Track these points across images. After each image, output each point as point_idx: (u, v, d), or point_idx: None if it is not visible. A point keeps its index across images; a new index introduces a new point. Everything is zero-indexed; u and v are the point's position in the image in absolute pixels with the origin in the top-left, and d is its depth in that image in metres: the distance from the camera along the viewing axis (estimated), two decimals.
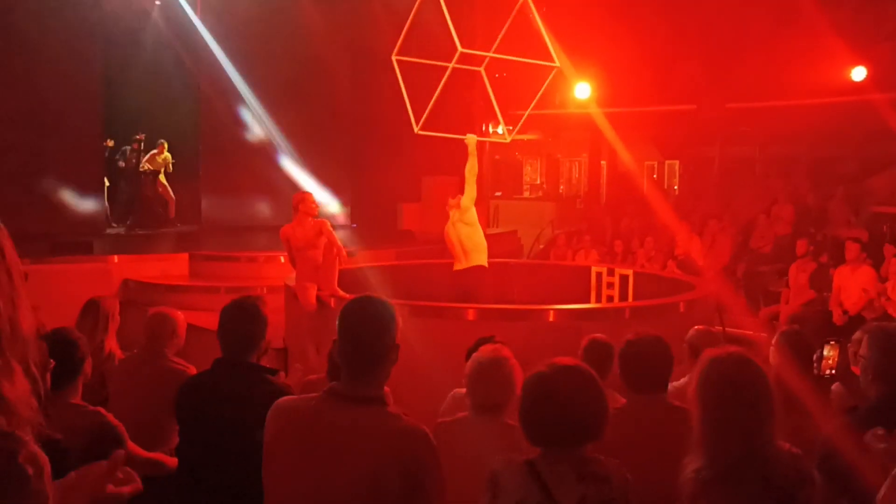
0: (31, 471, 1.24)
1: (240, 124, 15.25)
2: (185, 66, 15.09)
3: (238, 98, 15.06)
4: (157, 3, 15.46)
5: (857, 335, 3.39)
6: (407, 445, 2.25)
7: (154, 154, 15.17)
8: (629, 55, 13.87)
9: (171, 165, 15.29)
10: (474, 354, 3.43)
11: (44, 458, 1.27)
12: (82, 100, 13.24)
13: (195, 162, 15.37)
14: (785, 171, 15.25)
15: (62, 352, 3.19)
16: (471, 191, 8.11)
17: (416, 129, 8.10)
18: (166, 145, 15.16)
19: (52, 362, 2.62)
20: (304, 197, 7.48)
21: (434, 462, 2.29)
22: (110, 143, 14.74)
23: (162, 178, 15.26)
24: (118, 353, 4.93)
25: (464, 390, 3.44)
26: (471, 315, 6.68)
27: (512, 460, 2.41)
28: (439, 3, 7.42)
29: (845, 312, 8.85)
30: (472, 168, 8.11)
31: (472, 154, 8.13)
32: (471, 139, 8.21)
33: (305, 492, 2.29)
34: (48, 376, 2.60)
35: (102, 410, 3.34)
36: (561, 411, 2.31)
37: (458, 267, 8.13)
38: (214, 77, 14.88)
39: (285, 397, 2.58)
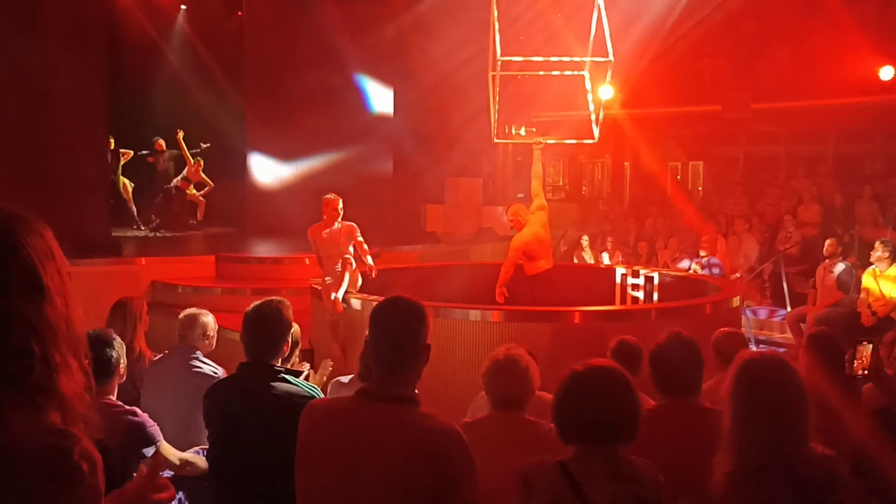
0: (85, 467, 1.27)
1: (281, 124, 15.47)
2: (223, 68, 15.29)
3: (280, 99, 15.31)
4: (183, 7, 15.65)
5: (889, 336, 3.37)
6: (439, 444, 2.27)
7: (191, 170, 15.11)
8: (653, 56, 13.81)
9: (207, 180, 15.20)
10: (490, 354, 3.46)
11: (97, 455, 1.30)
12: (90, 106, 13.31)
13: (242, 163, 15.49)
14: (811, 170, 15.12)
15: (98, 352, 3.24)
16: (534, 190, 8.54)
17: (494, 140, 8.72)
18: (202, 163, 15.09)
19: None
20: (331, 201, 7.52)
21: (467, 460, 2.30)
22: (128, 153, 14.75)
23: (191, 189, 15.24)
24: (148, 353, 4.99)
25: None
26: (496, 317, 6.69)
27: (544, 461, 2.42)
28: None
29: (874, 314, 8.75)
30: (535, 171, 8.68)
31: (536, 159, 8.66)
32: (536, 145, 8.74)
33: (339, 491, 2.32)
34: None
35: (137, 410, 3.39)
36: (595, 409, 2.33)
37: (544, 267, 8.26)
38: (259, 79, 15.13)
39: (319, 398, 2.61)
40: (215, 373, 4.28)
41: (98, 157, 13.46)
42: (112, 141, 14.25)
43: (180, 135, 14.74)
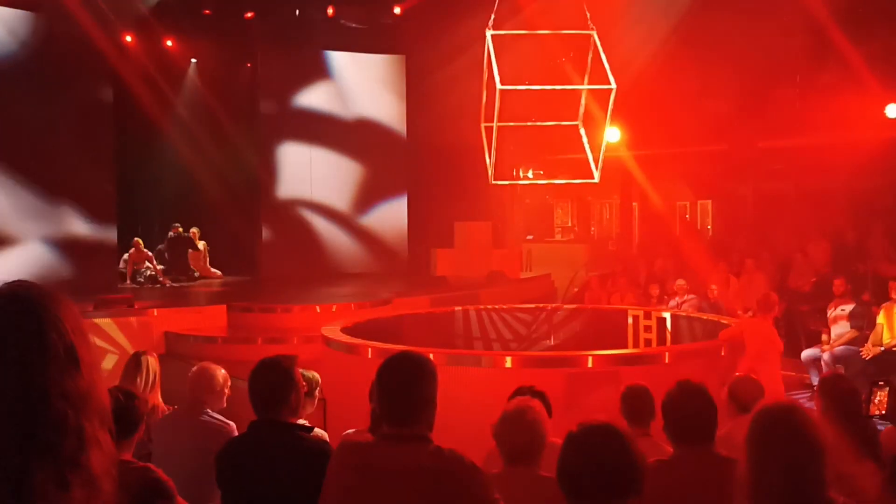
0: None
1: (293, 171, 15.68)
2: (234, 118, 15.54)
3: (292, 145, 15.53)
4: (194, 60, 15.91)
5: None
6: (452, 473, 2.46)
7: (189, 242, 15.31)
8: (659, 97, 13.92)
9: (206, 252, 15.34)
10: (503, 408, 3.46)
11: None
12: (97, 158, 13.50)
13: (256, 212, 15.63)
14: (821, 207, 15.09)
15: (119, 411, 3.22)
16: None
17: (491, 180, 8.62)
18: (198, 232, 15.25)
19: None
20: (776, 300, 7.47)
21: (482, 485, 2.49)
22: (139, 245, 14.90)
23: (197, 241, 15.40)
24: (162, 407, 4.98)
25: None
26: (508, 362, 6.66)
27: None
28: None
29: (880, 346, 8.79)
30: None
31: None
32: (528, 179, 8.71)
33: None
34: None
35: (152, 466, 3.36)
36: (595, 470, 2.31)
37: None
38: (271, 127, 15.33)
39: (348, 438, 2.72)
40: (225, 428, 4.26)
41: (105, 210, 13.63)
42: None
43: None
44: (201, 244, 15.26)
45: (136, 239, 14.53)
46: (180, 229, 15.10)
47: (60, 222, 12.97)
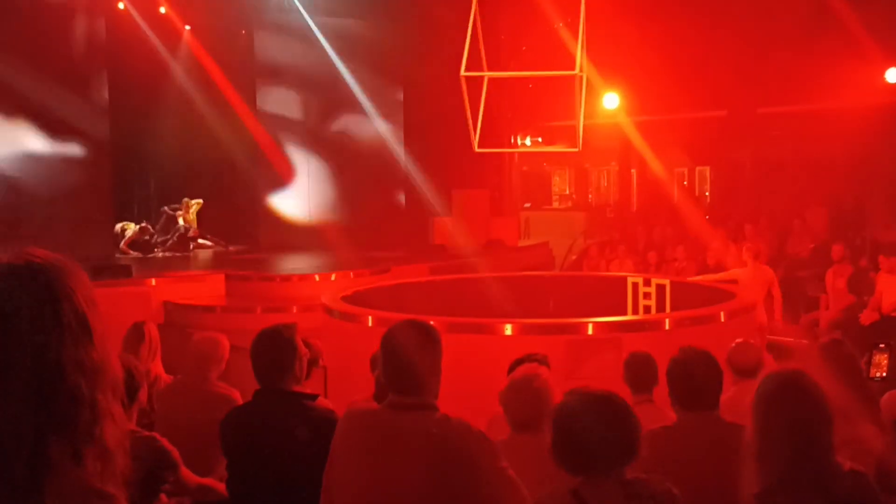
0: None
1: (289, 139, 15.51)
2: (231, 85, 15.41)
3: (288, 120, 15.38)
4: (187, 27, 15.72)
5: None
6: (460, 441, 2.47)
7: (183, 215, 15.31)
8: (657, 62, 13.81)
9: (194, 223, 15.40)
10: (510, 375, 3.46)
11: None
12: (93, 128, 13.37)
13: (252, 179, 15.55)
14: (820, 173, 15.07)
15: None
16: None
17: (476, 148, 8.45)
18: (192, 206, 15.22)
19: None
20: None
21: (490, 453, 2.48)
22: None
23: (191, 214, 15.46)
24: (164, 376, 4.99)
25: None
26: (509, 330, 6.66)
27: (555, 490, 2.39)
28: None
29: (879, 312, 8.79)
30: None
31: None
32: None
33: (368, 488, 2.53)
34: None
35: (157, 436, 3.37)
36: (587, 440, 2.27)
37: None
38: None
39: (356, 405, 2.75)
40: (228, 396, 4.27)
41: (101, 179, 13.56)
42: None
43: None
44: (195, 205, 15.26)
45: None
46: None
47: (56, 191, 12.89)
